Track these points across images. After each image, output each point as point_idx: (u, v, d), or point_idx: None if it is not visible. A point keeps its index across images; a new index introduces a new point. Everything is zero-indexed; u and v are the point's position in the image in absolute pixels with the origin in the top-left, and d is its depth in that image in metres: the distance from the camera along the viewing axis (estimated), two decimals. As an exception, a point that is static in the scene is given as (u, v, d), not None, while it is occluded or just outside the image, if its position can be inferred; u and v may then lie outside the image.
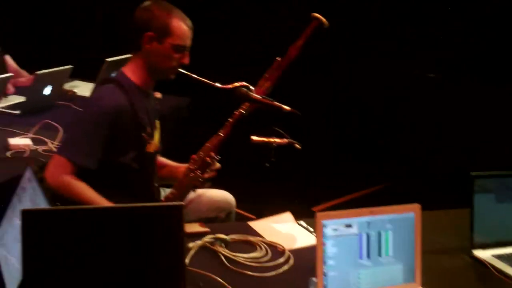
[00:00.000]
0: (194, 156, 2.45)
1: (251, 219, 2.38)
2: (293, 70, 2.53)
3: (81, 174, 2.31)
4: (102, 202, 2.28)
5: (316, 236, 1.67)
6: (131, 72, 2.44)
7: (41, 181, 1.56)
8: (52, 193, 2.18)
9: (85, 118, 2.31)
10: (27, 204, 1.58)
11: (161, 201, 2.55)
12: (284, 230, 2.23)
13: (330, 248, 1.69)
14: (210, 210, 2.82)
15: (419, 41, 5.46)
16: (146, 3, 2.43)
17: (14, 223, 1.60)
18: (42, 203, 1.52)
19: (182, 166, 2.67)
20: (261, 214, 2.47)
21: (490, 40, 5.31)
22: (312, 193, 4.79)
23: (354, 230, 1.73)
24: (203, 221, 2.85)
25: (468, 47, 5.34)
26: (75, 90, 3.75)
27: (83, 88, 3.88)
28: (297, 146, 2.41)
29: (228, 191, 2.82)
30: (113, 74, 3.67)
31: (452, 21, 5.42)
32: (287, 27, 3.63)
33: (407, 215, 1.81)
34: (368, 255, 1.75)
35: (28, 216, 1.35)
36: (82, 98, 3.66)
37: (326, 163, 5.15)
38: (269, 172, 2.30)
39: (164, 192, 2.77)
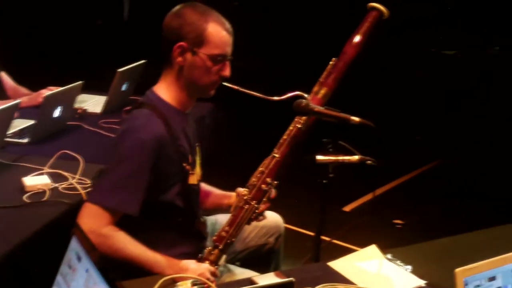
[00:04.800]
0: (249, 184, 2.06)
1: (304, 235, 1.99)
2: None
3: (119, 221, 1.92)
4: (149, 255, 1.88)
5: (457, 299, 1.29)
6: (165, 92, 2.04)
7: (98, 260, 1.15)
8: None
9: (121, 155, 1.89)
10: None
11: (211, 237, 2.16)
12: (373, 269, 1.84)
13: (473, 311, 1.31)
14: (258, 237, 2.48)
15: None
16: (176, 8, 2.02)
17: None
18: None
19: (229, 195, 2.30)
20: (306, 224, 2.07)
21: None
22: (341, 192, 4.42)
23: (498, 282, 1.35)
24: (253, 249, 2.50)
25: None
26: (85, 106, 3.33)
27: (93, 103, 3.46)
28: (370, 162, 2.04)
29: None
30: (128, 87, 3.30)
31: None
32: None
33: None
34: (516, 313, 1.37)
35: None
36: (93, 115, 3.25)
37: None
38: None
39: (204, 220, 2.38)
